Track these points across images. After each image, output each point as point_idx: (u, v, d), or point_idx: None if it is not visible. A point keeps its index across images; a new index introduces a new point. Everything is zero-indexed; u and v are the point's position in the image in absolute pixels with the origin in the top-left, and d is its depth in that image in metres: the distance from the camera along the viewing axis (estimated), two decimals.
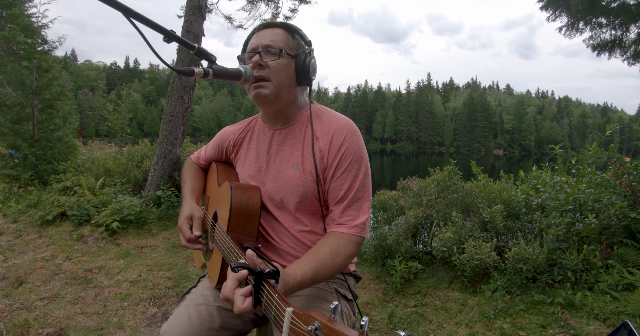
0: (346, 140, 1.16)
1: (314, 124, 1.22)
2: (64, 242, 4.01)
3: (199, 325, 1.13)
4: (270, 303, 0.71)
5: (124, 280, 3.12)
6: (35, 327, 2.33)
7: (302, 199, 1.19)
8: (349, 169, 1.15)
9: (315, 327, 0.54)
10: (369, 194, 1.18)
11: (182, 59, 5.87)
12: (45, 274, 3.17)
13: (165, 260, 3.66)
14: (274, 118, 1.27)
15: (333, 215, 1.16)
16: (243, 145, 1.37)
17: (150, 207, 5.06)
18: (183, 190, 1.47)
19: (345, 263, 1.06)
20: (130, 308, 2.66)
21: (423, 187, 4.26)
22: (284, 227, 1.22)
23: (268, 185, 1.24)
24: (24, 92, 6.88)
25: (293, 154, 1.22)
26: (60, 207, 4.65)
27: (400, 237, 3.63)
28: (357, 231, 1.12)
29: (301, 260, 1.01)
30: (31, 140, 6.80)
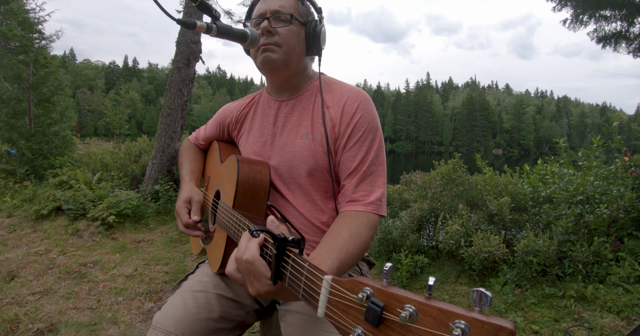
0: (360, 108, 1.06)
1: (324, 94, 1.12)
2: (59, 236, 3.90)
3: (196, 314, 1.01)
4: (298, 274, 0.60)
5: (120, 274, 3.01)
6: (25, 322, 2.23)
7: (312, 172, 1.08)
8: (362, 139, 1.05)
9: (367, 294, 0.43)
10: (383, 168, 1.07)
11: (182, 51, 5.76)
12: (38, 268, 3.07)
13: (162, 254, 3.55)
14: (280, 89, 1.17)
15: (346, 190, 1.04)
16: (246, 120, 1.25)
17: (148, 201, 4.94)
18: (181, 172, 1.34)
19: (366, 247, 0.95)
20: (125, 303, 2.55)
21: (428, 181, 4.16)
22: (294, 206, 1.11)
23: (274, 159, 1.13)
24: (20, 86, 6.76)
25: (301, 125, 1.11)
26: (55, 201, 4.54)
27: (405, 231, 3.52)
28: (373, 208, 1.01)
29: (321, 251, 0.88)
30: (27, 134, 6.68)
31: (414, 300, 0.38)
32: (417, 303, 0.38)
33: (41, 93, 6.96)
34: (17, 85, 6.75)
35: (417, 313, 0.38)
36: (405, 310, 0.38)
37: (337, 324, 0.47)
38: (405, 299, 0.39)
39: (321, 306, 0.51)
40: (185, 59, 5.78)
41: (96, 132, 62.12)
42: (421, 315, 0.37)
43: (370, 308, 0.41)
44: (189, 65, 5.84)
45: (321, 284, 0.52)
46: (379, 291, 0.43)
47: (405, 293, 0.40)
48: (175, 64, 5.73)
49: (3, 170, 6.41)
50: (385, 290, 0.42)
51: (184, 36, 5.75)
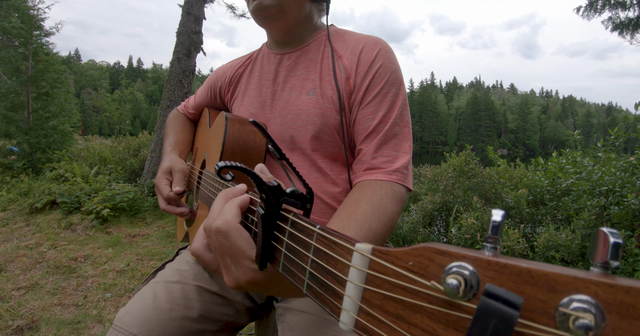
0: (380, 56, 0.84)
1: (334, 43, 0.91)
2: (51, 230, 3.72)
3: (169, 310, 0.78)
4: (302, 249, 0.35)
5: (111, 269, 2.82)
6: (6, 318, 2.05)
7: (318, 133, 0.85)
8: (383, 92, 0.83)
9: (464, 277, 0.20)
10: (409, 131, 0.85)
11: (182, 42, 5.60)
12: (27, 262, 2.88)
13: (157, 249, 3.36)
14: (282, 42, 0.96)
15: (363, 155, 0.82)
16: (242, 80, 1.03)
17: (146, 195, 4.75)
18: (164, 145, 1.11)
19: (392, 225, 0.73)
20: (113, 299, 2.36)
21: (439, 173, 3.95)
22: None
23: (274, 122, 0.91)
24: (19, 79, 6.63)
25: (308, 78, 0.90)
26: (50, 194, 4.36)
27: (416, 225, 3.32)
28: (399, 177, 0.79)
29: (333, 224, 0.68)
30: (26, 128, 6.54)
31: (592, 281, 0.16)
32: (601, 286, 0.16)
33: (40, 87, 6.83)
34: (15, 78, 6.61)
35: (601, 310, 0.16)
36: (582, 307, 0.16)
37: None
38: (574, 280, 0.17)
39: (349, 308, 0.27)
40: (185, 49, 5.62)
41: (100, 132, 62.27)
42: None
43: (486, 311, 0.18)
44: (189, 56, 5.68)
45: (349, 261, 0.28)
46: (494, 269, 0.20)
47: (560, 269, 0.18)
48: (175, 55, 5.57)
49: (0, 165, 6.27)
50: (509, 265, 0.19)
51: (185, 26, 5.60)
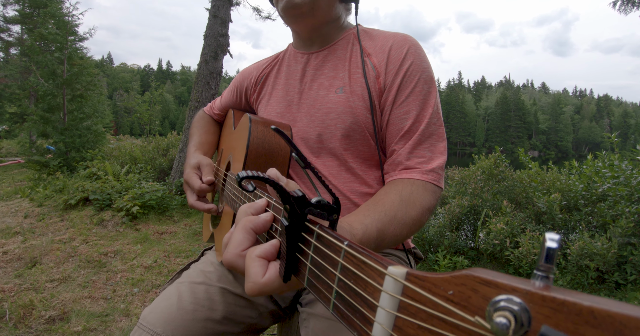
0: (410, 54, 0.82)
1: (363, 42, 0.89)
2: (84, 225, 3.88)
3: (193, 312, 0.79)
4: (329, 265, 0.33)
5: (139, 265, 2.91)
6: (39, 309, 2.14)
7: (349, 132, 0.84)
8: (416, 91, 0.80)
9: (514, 313, 0.17)
10: (444, 130, 0.83)
11: (209, 44, 5.70)
12: (60, 256, 3.01)
13: (184, 246, 3.43)
14: (309, 40, 0.94)
15: (397, 156, 0.80)
16: (268, 80, 1.03)
17: (174, 193, 4.88)
18: (189, 145, 1.12)
19: (422, 218, 0.72)
20: (140, 294, 2.43)
21: (467, 176, 3.84)
22: (325, 176, 0.87)
23: (301, 122, 0.90)
24: (55, 81, 6.97)
25: (336, 77, 0.88)
26: (84, 192, 4.55)
27: (443, 229, 3.23)
28: (433, 178, 0.77)
29: (359, 210, 0.67)
30: (61, 128, 6.87)
31: None
32: None
33: (75, 89, 7.16)
34: (52, 81, 6.96)
35: None
36: None
37: None
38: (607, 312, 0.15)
39: (384, 326, 0.25)
40: (212, 52, 5.72)
41: (132, 132, 64.53)
42: None
43: None
44: (216, 58, 5.78)
45: (380, 285, 0.26)
46: (549, 306, 0.17)
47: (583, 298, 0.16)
48: (203, 57, 5.69)
49: (38, 162, 6.61)
50: (541, 294, 0.17)
51: (212, 29, 5.70)
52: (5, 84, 11.86)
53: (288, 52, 1.02)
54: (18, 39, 13.19)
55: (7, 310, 2.13)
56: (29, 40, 8.63)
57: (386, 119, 0.83)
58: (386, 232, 0.64)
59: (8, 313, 2.09)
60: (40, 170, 6.64)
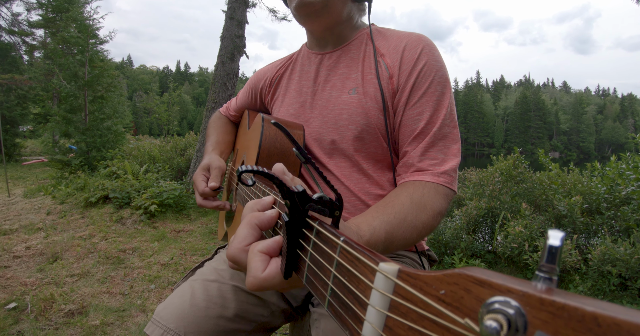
0: (424, 54, 0.81)
1: (376, 42, 0.89)
2: (104, 222, 3.97)
3: (205, 309, 0.80)
4: (326, 262, 0.32)
5: (156, 262, 2.96)
6: (59, 302, 2.21)
7: (361, 134, 0.84)
8: (430, 92, 0.80)
9: (508, 317, 0.17)
10: (458, 132, 0.82)
11: (226, 46, 5.77)
12: (80, 252, 3.10)
13: (200, 245, 3.48)
14: (323, 40, 0.95)
15: (410, 158, 0.80)
16: (282, 81, 1.04)
17: (191, 192, 4.96)
18: (206, 145, 1.14)
19: (432, 222, 0.71)
20: (156, 291, 2.47)
21: (485, 177, 3.77)
22: (337, 178, 0.88)
23: (314, 122, 0.91)
24: (76, 83, 7.19)
25: (349, 77, 0.88)
26: (104, 190, 4.67)
27: (459, 231, 3.18)
28: (445, 180, 0.76)
29: (368, 212, 0.67)
30: (83, 128, 7.08)
31: None
32: None
33: (96, 91, 7.38)
34: (74, 83, 7.20)
35: None
36: None
37: None
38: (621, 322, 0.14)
39: (375, 324, 0.24)
40: (229, 53, 5.78)
41: (151, 132, 65.90)
42: None
43: None
44: (233, 60, 5.84)
45: (371, 282, 0.25)
46: (548, 310, 0.16)
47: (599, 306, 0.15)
48: (219, 58, 5.76)
49: (60, 161, 6.82)
50: (569, 306, 0.15)
51: (228, 31, 5.77)
52: (29, 86, 12.35)
53: (302, 53, 1.03)
54: (42, 42, 13.70)
55: (28, 302, 2.21)
56: (52, 44, 8.96)
57: (399, 120, 0.82)
58: (395, 235, 0.63)
59: (30, 306, 2.17)
60: (63, 168, 6.86)
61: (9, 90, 12.17)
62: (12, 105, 12.06)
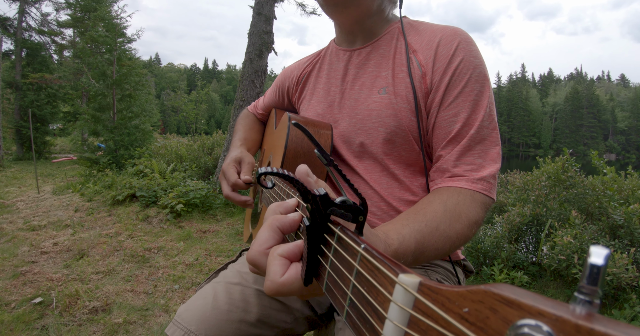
0: (460, 49, 0.79)
1: (408, 36, 0.87)
2: (130, 221, 4.15)
3: (227, 312, 0.81)
4: (346, 270, 0.32)
5: (180, 262, 3.06)
6: (84, 299, 2.33)
7: (392, 136, 0.82)
8: (466, 91, 0.77)
9: (539, 328, 0.15)
10: (497, 135, 0.79)
11: (254, 42, 5.86)
12: (106, 249, 3.26)
13: (226, 246, 3.56)
14: (352, 35, 0.94)
15: (444, 162, 0.78)
16: (309, 80, 1.04)
17: (217, 192, 5.08)
18: (233, 140, 1.16)
19: (467, 232, 0.69)
20: (180, 291, 2.56)
21: (530, 181, 3.63)
22: (366, 182, 0.87)
23: (342, 123, 0.90)
24: (105, 82, 7.57)
25: (379, 76, 0.87)
26: (131, 188, 4.88)
27: (500, 240, 3.08)
28: (483, 187, 0.73)
29: (397, 219, 0.65)
30: (111, 127, 7.44)
31: None
32: None
33: (124, 89, 7.75)
34: (102, 81, 7.59)
35: None
36: None
37: None
38: None
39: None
40: (257, 50, 5.86)
41: (178, 131, 68.15)
42: None
43: None
44: (261, 56, 5.91)
45: (390, 294, 0.24)
46: (563, 324, 0.15)
47: None
48: (247, 55, 5.85)
49: (89, 159, 7.19)
50: (580, 324, 0.14)
51: (256, 27, 5.85)
52: (59, 85, 13.14)
53: (330, 49, 1.02)
54: (71, 42, 14.53)
55: (54, 298, 2.35)
56: (81, 43, 9.49)
57: (432, 122, 0.80)
58: (426, 245, 0.61)
59: (55, 301, 2.30)
60: (91, 166, 7.24)
61: (40, 89, 12.99)
62: (42, 104, 12.86)
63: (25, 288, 2.50)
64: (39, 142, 12.68)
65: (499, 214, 3.47)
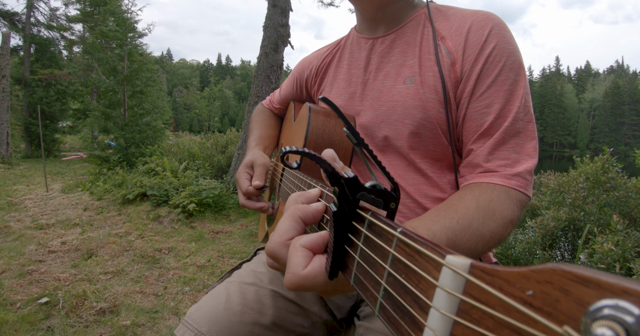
0: (493, 35, 0.77)
1: (436, 22, 0.85)
2: (140, 220, 4.22)
3: (240, 313, 0.81)
4: (379, 258, 0.30)
5: (192, 263, 3.09)
6: (91, 300, 2.37)
7: (418, 129, 0.81)
8: (500, 80, 0.75)
9: (625, 309, 0.13)
10: (534, 127, 0.77)
11: (269, 36, 5.89)
12: (116, 249, 3.32)
13: (239, 247, 3.58)
14: (375, 22, 0.93)
15: (475, 157, 0.76)
16: (329, 70, 1.03)
17: (231, 192, 5.12)
18: (248, 140, 1.17)
19: (502, 232, 0.66)
20: (190, 293, 2.58)
21: (566, 182, 3.53)
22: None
23: (365, 115, 0.89)
24: (115, 78, 7.75)
25: (404, 65, 0.85)
26: (141, 187, 4.96)
27: (533, 246, 3.00)
28: (519, 183, 0.71)
29: (427, 215, 0.64)
30: (122, 124, 7.61)
31: None
32: None
33: (135, 85, 7.93)
34: (113, 77, 7.78)
35: None
36: None
37: None
38: None
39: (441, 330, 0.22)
40: (272, 43, 5.88)
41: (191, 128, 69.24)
42: None
43: None
44: (276, 50, 5.92)
45: (435, 279, 0.22)
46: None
47: None
48: (262, 50, 5.87)
49: (99, 157, 7.37)
50: None
51: (271, 19, 5.86)
52: (69, 81, 13.54)
53: (351, 38, 1.01)
54: (80, 37, 14.96)
55: (60, 298, 2.39)
56: (91, 38, 9.73)
57: (462, 114, 0.79)
58: (458, 244, 0.60)
59: (61, 302, 2.35)
60: (101, 164, 7.41)
61: (49, 86, 13.41)
62: (51, 101, 13.27)
63: (31, 288, 2.55)
64: (48, 139, 13.09)
65: (532, 218, 3.39)
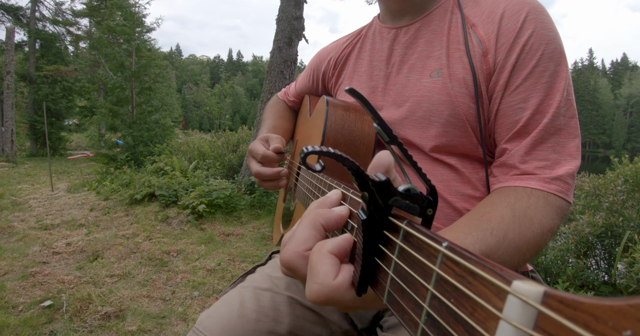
0: (529, 21, 0.72)
1: (465, 8, 0.82)
2: (148, 221, 4.26)
3: (255, 321, 0.79)
4: (419, 275, 0.27)
5: (201, 267, 3.09)
6: (96, 304, 2.38)
7: (445, 127, 0.77)
8: (538, 71, 0.71)
9: None
10: (577, 124, 0.72)
11: (282, 29, 5.89)
12: (122, 251, 3.34)
13: (251, 251, 3.58)
14: (399, 12, 0.90)
15: (510, 157, 0.72)
16: (349, 62, 1.01)
17: (243, 193, 5.14)
18: (259, 130, 1.15)
19: (540, 242, 0.63)
20: (200, 298, 2.57)
21: (602, 185, 3.44)
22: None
23: (387, 112, 0.86)
24: (123, 74, 7.86)
25: (431, 56, 0.82)
26: (150, 187, 5.01)
27: (565, 254, 2.94)
28: (559, 188, 0.67)
29: (458, 226, 0.62)
30: (130, 121, 7.71)
31: None
32: None
33: (143, 82, 8.04)
34: (120, 73, 7.90)
35: None
36: None
37: None
38: None
39: None
40: (286, 37, 5.87)
41: (201, 127, 70.07)
42: None
43: None
44: (290, 45, 5.92)
45: (498, 310, 0.19)
46: None
47: None
48: (275, 44, 5.87)
49: (106, 156, 7.49)
50: None
51: (284, 12, 5.86)
52: (75, 78, 13.81)
53: (373, 27, 0.98)
54: (87, 32, 15.24)
55: (64, 301, 2.40)
56: (97, 33, 9.91)
57: (495, 109, 0.75)
58: (492, 257, 0.57)
59: (65, 305, 2.36)
60: (108, 163, 7.53)
61: (54, 82, 13.68)
62: (57, 98, 13.53)
63: (34, 290, 2.58)
64: (53, 137, 13.36)
65: (564, 223, 3.31)
